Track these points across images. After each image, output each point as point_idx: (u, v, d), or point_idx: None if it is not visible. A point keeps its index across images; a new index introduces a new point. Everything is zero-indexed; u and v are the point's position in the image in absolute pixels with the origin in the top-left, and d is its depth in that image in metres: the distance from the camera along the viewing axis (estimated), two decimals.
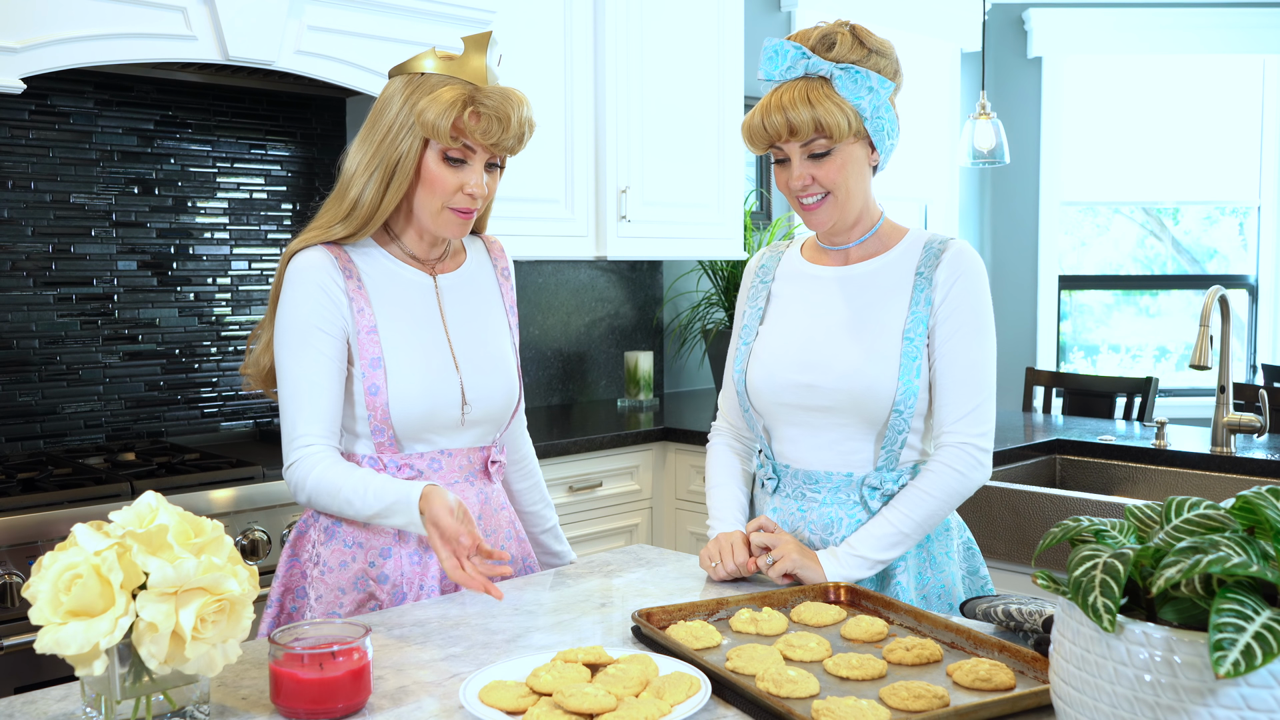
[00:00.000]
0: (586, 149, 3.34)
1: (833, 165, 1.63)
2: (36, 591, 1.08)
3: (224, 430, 2.97)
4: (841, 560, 1.62)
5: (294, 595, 1.71)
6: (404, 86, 1.62)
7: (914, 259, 1.70)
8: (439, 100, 1.58)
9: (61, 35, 2.18)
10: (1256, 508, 0.89)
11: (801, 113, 1.59)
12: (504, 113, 1.59)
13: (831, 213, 1.67)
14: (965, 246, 1.70)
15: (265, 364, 1.72)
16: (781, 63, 1.63)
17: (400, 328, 1.68)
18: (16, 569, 2.05)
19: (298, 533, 1.73)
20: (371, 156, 1.63)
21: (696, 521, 3.26)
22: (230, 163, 2.97)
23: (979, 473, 1.66)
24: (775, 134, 1.63)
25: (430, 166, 1.62)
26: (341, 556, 1.67)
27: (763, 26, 4.39)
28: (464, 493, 1.73)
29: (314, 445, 1.62)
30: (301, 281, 1.64)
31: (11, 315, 2.62)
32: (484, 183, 1.64)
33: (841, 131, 1.60)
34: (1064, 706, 0.95)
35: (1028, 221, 5.44)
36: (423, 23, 2.73)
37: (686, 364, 4.23)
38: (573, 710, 1.12)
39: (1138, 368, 5.61)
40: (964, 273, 1.67)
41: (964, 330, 1.66)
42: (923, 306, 1.66)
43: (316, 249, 1.65)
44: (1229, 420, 2.81)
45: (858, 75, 1.60)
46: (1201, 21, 5.27)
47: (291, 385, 1.63)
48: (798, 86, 1.61)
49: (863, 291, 1.71)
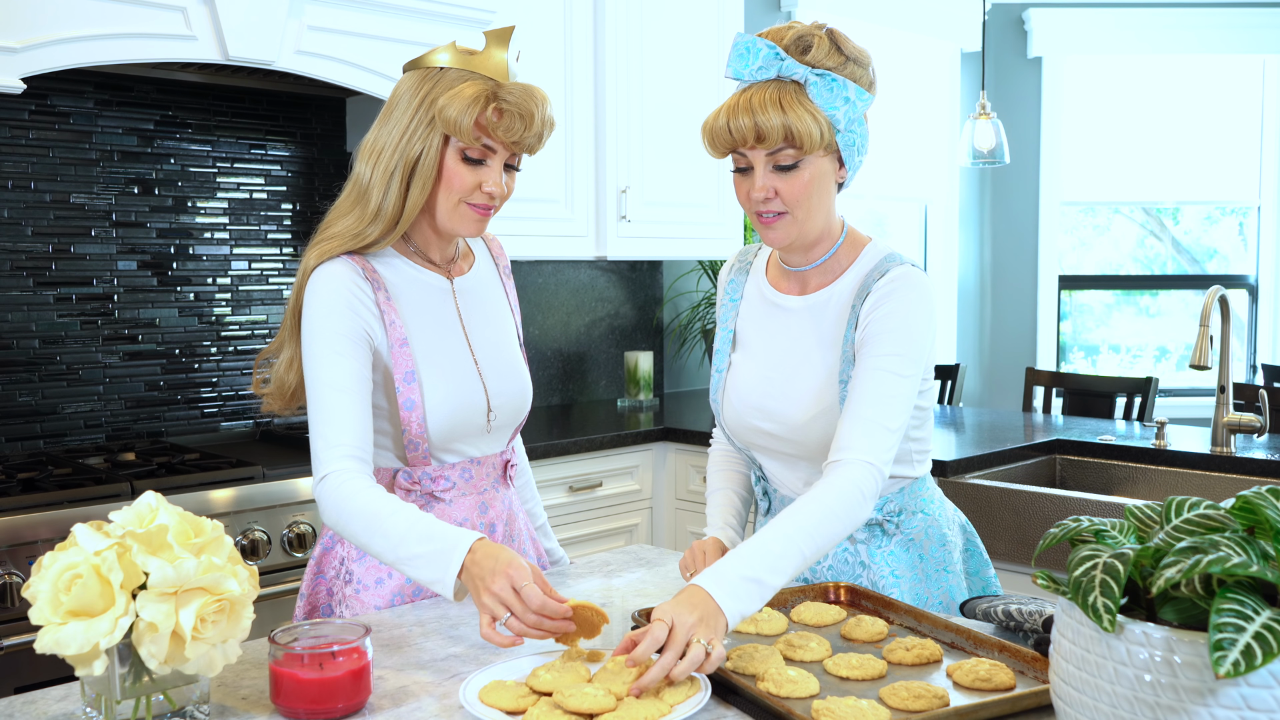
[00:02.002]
0: (586, 149, 3.34)
1: (798, 180, 1.51)
2: (36, 591, 1.08)
3: (224, 430, 2.97)
4: (733, 589, 1.31)
5: (321, 613, 1.66)
6: (420, 82, 1.56)
7: (854, 289, 1.61)
8: (460, 96, 1.52)
9: (61, 35, 2.18)
10: (1256, 508, 0.89)
11: (772, 118, 1.47)
12: (527, 110, 1.53)
13: (790, 231, 1.55)
14: (902, 277, 1.56)
15: (291, 383, 1.62)
16: (752, 61, 1.50)
17: (428, 337, 1.62)
18: (16, 569, 2.05)
19: (322, 549, 1.67)
20: (389, 157, 1.55)
21: (696, 521, 3.26)
22: (230, 163, 2.97)
23: (870, 495, 1.45)
24: (740, 138, 1.50)
25: (449, 164, 1.56)
26: (378, 574, 1.62)
27: (763, 27, 4.39)
28: (492, 500, 1.70)
29: (349, 460, 1.50)
30: (329, 293, 1.54)
31: (11, 315, 2.62)
32: (503, 182, 1.58)
33: (813, 142, 1.48)
34: (1064, 706, 0.95)
35: (1028, 221, 5.44)
36: (423, 23, 2.73)
37: (686, 364, 4.23)
38: (573, 710, 1.12)
39: (1138, 368, 5.61)
40: (887, 301, 1.54)
41: (880, 361, 1.51)
42: (850, 345, 1.58)
43: (339, 261, 1.57)
44: (1229, 420, 2.81)
45: (834, 83, 1.49)
46: (1201, 21, 5.27)
47: (324, 397, 1.52)
48: (769, 89, 1.48)
49: (814, 327, 1.63)
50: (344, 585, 1.63)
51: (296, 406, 1.66)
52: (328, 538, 1.67)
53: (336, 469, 1.48)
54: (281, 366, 1.63)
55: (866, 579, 1.65)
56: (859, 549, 1.66)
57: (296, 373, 1.62)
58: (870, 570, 1.65)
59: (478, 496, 1.68)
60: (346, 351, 1.54)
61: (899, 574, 1.64)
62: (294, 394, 1.64)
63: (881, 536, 1.66)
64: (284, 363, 1.63)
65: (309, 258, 1.59)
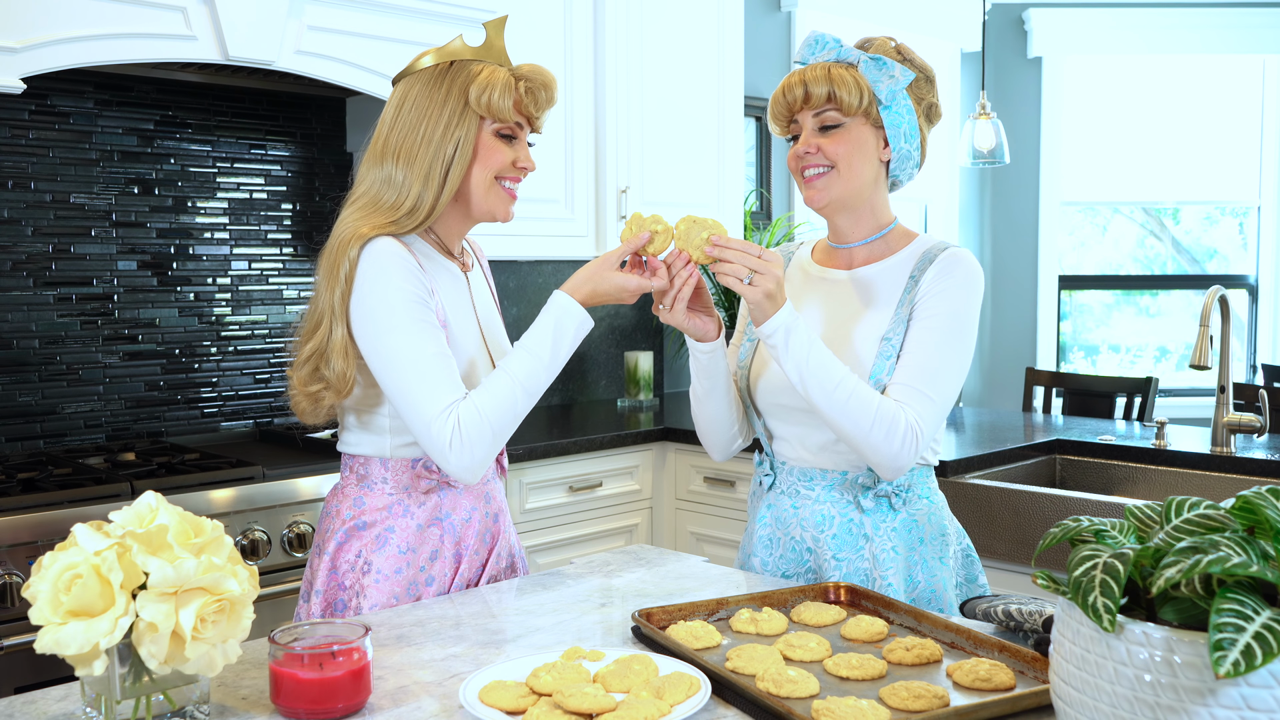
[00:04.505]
0: (586, 149, 3.34)
1: (840, 138, 1.64)
2: (36, 591, 1.08)
3: (224, 430, 2.97)
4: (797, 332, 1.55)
5: (336, 608, 1.65)
6: (437, 79, 1.61)
7: (912, 264, 1.69)
8: (495, 81, 1.60)
9: (61, 35, 2.18)
10: (1256, 508, 0.89)
11: (820, 83, 1.63)
12: (546, 82, 1.66)
13: (831, 188, 1.66)
14: (963, 254, 1.67)
15: (351, 372, 1.57)
16: (819, 50, 1.68)
17: (457, 324, 1.65)
18: (16, 569, 2.05)
19: (337, 544, 1.66)
20: (427, 154, 1.59)
21: (696, 521, 3.27)
22: (230, 163, 2.97)
23: (907, 447, 1.56)
24: (792, 100, 1.66)
25: (485, 143, 1.63)
26: (396, 563, 1.63)
27: (763, 27, 4.39)
28: (494, 490, 1.75)
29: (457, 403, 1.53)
30: (391, 264, 1.54)
31: (11, 315, 2.62)
32: (530, 157, 1.69)
33: (851, 105, 1.62)
34: (1064, 706, 0.95)
35: (1028, 221, 5.44)
36: (423, 22, 2.73)
37: (687, 364, 4.23)
38: (573, 710, 1.12)
39: (1138, 368, 5.61)
40: (950, 274, 1.64)
41: (932, 330, 1.62)
42: (906, 308, 1.65)
43: (387, 238, 1.57)
44: (1229, 420, 2.81)
45: (883, 64, 1.63)
46: (1201, 21, 5.27)
47: (416, 363, 1.52)
48: (822, 65, 1.66)
49: (860, 296, 1.71)
50: (361, 576, 1.63)
51: (351, 392, 1.60)
52: (340, 534, 1.66)
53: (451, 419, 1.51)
54: (336, 356, 1.56)
55: (868, 551, 1.68)
56: (864, 520, 1.69)
57: (353, 360, 1.57)
58: (872, 543, 1.68)
59: (482, 486, 1.73)
60: (426, 316, 1.55)
61: (898, 550, 1.68)
62: (352, 384, 1.59)
63: (888, 510, 1.69)
64: (339, 351, 1.56)
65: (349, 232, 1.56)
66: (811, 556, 1.71)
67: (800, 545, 1.72)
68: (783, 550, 1.74)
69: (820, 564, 1.70)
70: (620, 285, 1.61)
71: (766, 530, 1.76)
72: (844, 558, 1.68)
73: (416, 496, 1.65)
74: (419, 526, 1.65)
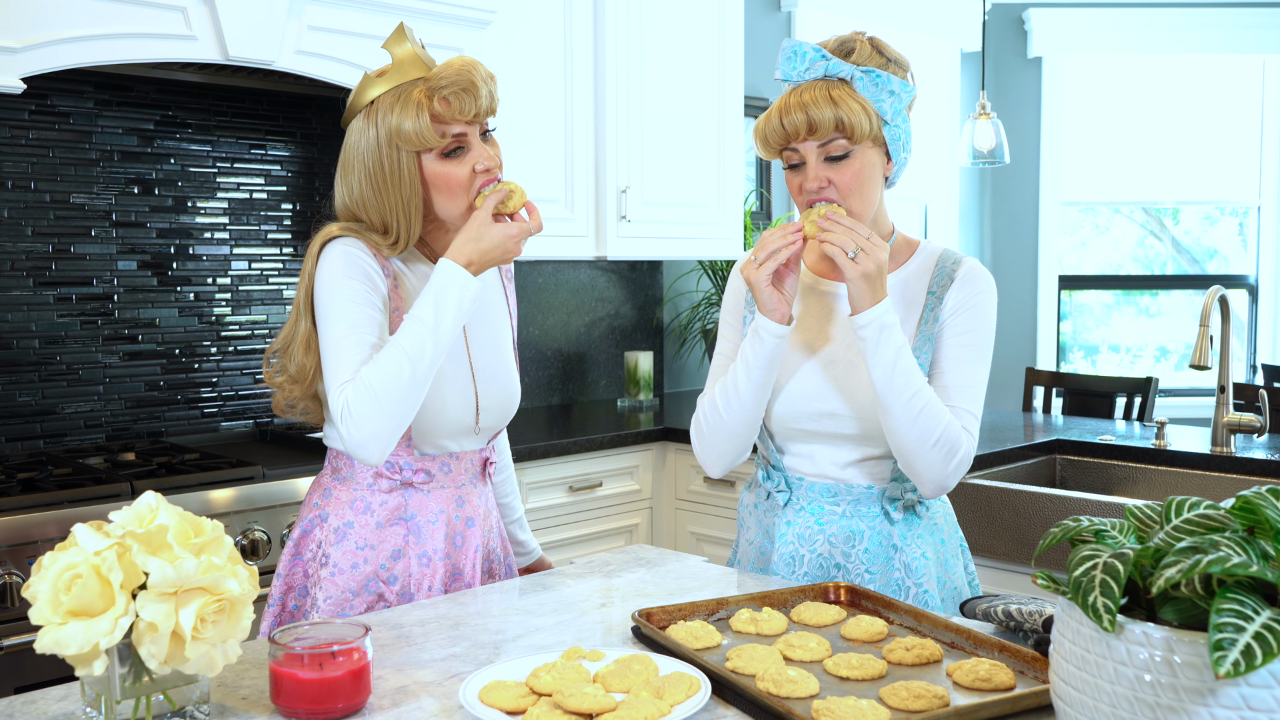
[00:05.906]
0: (586, 149, 3.34)
1: (850, 169, 1.58)
2: (36, 591, 1.08)
3: (224, 430, 2.97)
4: (892, 330, 1.54)
5: (296, 594, 1.70)
6: (365, 125, 1.59)
7: (927, 275, 1.68)
8: (404, 108, 1.54)
9: (61, 35, 2.18)
10: (1256, 508, 0.89)
11: (824, 110, 1.54)
12: (467, 82, 1.55)
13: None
14: (979, 266, 1.68)
15: (310, 366, 1.61)
16: (800, 63, 1.58)
17: None
18: (16, 569, 2.05)
19: (302, 531, 1.71)
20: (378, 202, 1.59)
21: (696, 521, 3.27)
22: (230, 163, 2.97)
23: (960, 471, 1.61)
24: (794, 132, 1.57)
25: (433, 172, 1.58)
26: (353, 559, 1.65)
27: (763, 27, 4.39)
28: (469, 495, 1.73)
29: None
30: (346, 261, 1.57)
31: (11, 315, 2.62)
32: (489, 153, 1.60)
33: (862, 132, 1.55)
34: (1064, 706, 0.95)
35: (1028, 221, 5.44)
36: (423, 23, 2.72)
37: (686, 364, 4.23)
38: (573, 710, 1.12)
39: (1138, 368, 5.61)
40: (977, 293, 1.65)
41: (967, 348, 1.64)
42: (931, 325, 1.64)
43: (351, 238, 1.60)
44: (1229, 420, 2.81)
45: (879, 78, 1.56)
46: (1201, 21, 5.27)
47: (331, 344, 1.54)
48: (818, 86, 1.57)
49: None
50: (320, 568, 1.66)
51: (314, 393, 1.66)
52: (306, 521, 1.70)
53: (345, 390, 1.50)
54: (299, 349, 1.62)
55: (899, 561, 1.67)
56: (892, 531, 1.68)
57: (315, 353, 1.61)
58: (902, 552, 1.67)
59: (455, 490, 1.71)
60: (356, 294, 1.56)
61: (928, 555, 1.68)
62: (313, 378, 1.63)
63: (914, 519, 1.70)
64: (301, 343, 1.61)
65: (324, 235, 1.61)
66: (840, 572, 1.69)
67: (828, 561, 1.69)
68: (806, 568, 1.70)
69: (852, 580, 1.67)
70: (503, 234, 1.56)
71: (789, 548, 1.71)
72: (876, 571, 1.67)
73: (379, 495, 1.66)
74: (378, 524, 1.65)
